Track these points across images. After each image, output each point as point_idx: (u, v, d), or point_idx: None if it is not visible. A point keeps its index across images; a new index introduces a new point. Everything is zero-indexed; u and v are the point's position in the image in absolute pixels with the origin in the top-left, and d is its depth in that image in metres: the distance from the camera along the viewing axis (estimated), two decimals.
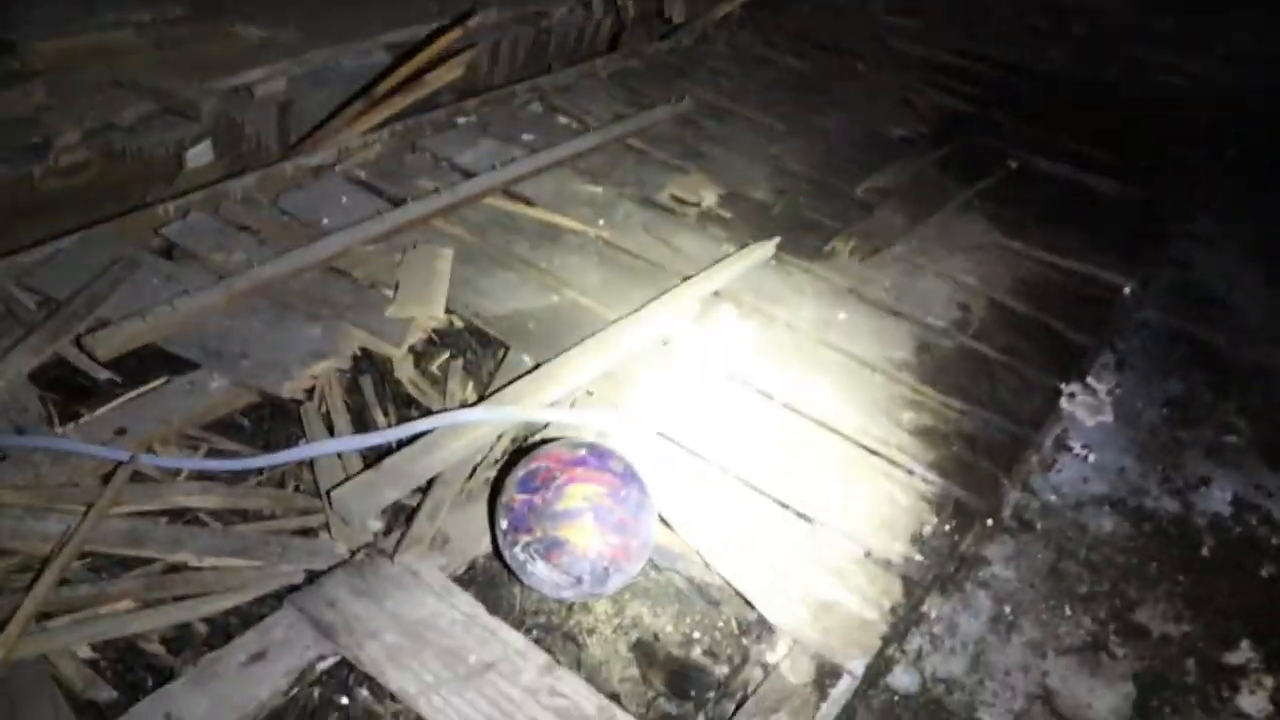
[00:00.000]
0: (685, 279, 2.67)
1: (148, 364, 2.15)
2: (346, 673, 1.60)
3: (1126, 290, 3.02)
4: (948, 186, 3.45)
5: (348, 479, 1.91)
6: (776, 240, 2.88)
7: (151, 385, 2.09)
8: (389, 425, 2.12)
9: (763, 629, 1.78)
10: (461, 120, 3.48)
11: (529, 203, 3.00)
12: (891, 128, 3.90)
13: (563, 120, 3.56)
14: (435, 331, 2.42)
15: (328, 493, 1.87)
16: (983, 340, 2.67)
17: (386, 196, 2.93)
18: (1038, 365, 2.61)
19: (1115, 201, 3.60)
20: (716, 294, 2.67)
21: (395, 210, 2.81)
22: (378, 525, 1.87)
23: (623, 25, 4.47)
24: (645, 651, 1.72)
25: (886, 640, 1.78)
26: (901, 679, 1.76)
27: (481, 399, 2.19)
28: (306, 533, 1.85)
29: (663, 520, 1.88)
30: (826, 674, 1.70)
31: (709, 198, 3.14)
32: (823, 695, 1.67)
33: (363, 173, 3.07)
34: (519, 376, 2.22)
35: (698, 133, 3.58)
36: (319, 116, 3.46)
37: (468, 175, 3.08)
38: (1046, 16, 5.50)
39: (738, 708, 1.64)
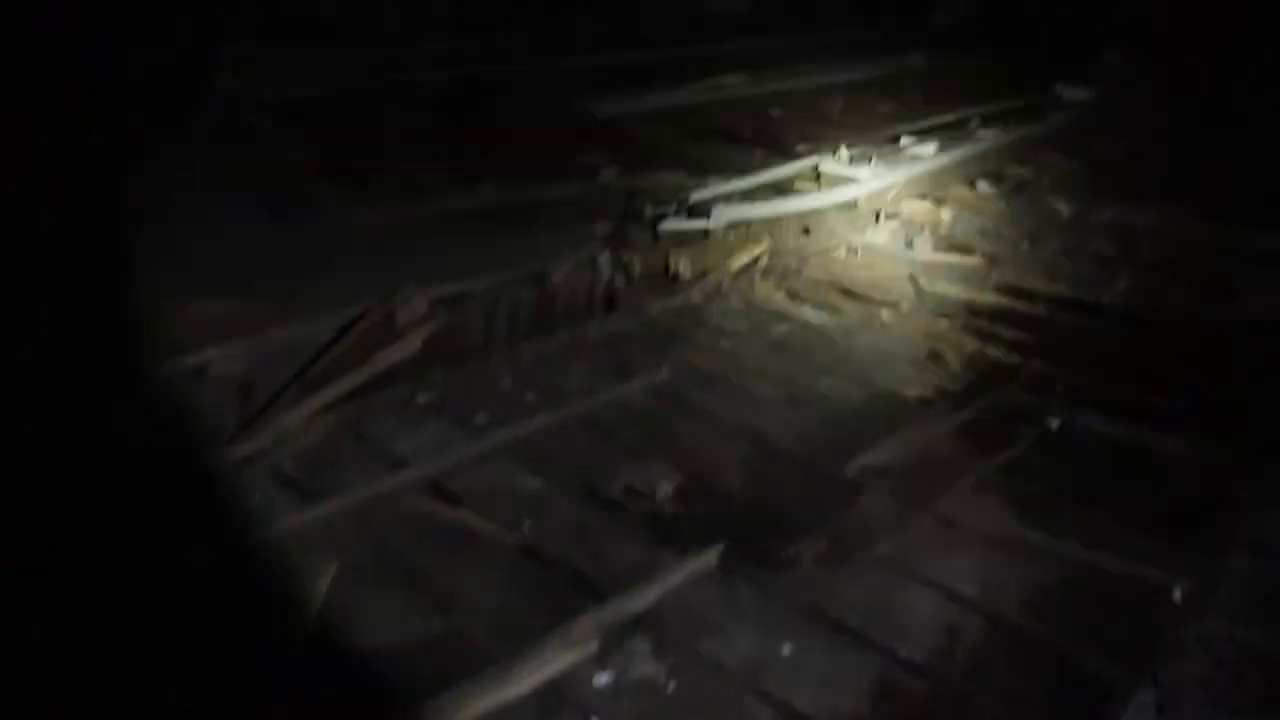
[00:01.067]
0: (599, 601, 2.24)
1: None
2: None
3: (1176, 594, 2.40)
4: (962, 460, 2.95)
5: None
6: (719, 549, 2.42)
7: None
8: None
9: None
10: (421, 398, 3.25)
11: (453, 500, 2.66)
12: (907, 388, 3.45)
13: (529, 397, 3.27)
14: None
15: None
16: (972, 679, 2.10)
17: (303, 492, 2.66)
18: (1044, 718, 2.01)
19: (1180, 467, 3.00)
20: (635, 622, 2.21)
21: (293, 513, 2.52)
22: None
23: (629, 281, 4.26)
24: None
25: None
26: None
27: None
28: None
29: None
30: None
31: (665, 488, 2.74)
32: None
33: (289, 465, 2.83)
34: None
35: (675, 406, 3.23)
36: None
37: (399, 466, 2.80)
38: (1114, 240, 5.03)
39: None
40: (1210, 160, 6.27)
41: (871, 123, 6.90)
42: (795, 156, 5.58)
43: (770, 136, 6.30)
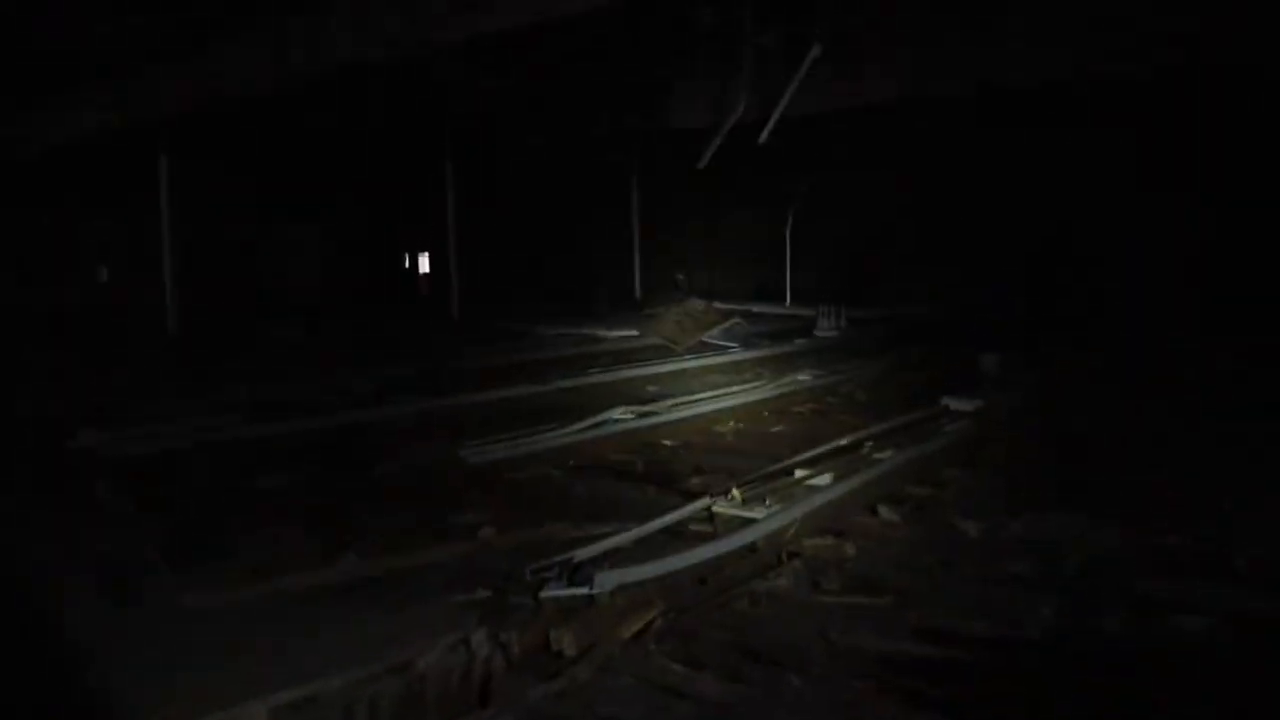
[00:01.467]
0: None
1: None
2: None
3: None
4: None
5: None
6: None
7: None
8: None
9: None
10: None
11: None
12: None
13: None
14: None
15: None
16: None
17: None
18: None
19: None
20: None
21: None
22: None
23: (508, 663, 3.76)
24: None
25: None
26: None
27: None
28: None
29: None
30: None
31: None
32: None
33: None
34: None
35: None
36: None
37: None
38: (1028, 558, 4.75)
39: None
40: (1110, 457, 6.25)
41: (766, 448, 6.78)
42: (689, 493, 5.33)
43: (662, 471, 6.08)
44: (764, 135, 12.94)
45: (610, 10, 7.84)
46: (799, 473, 5.58)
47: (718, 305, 20.32)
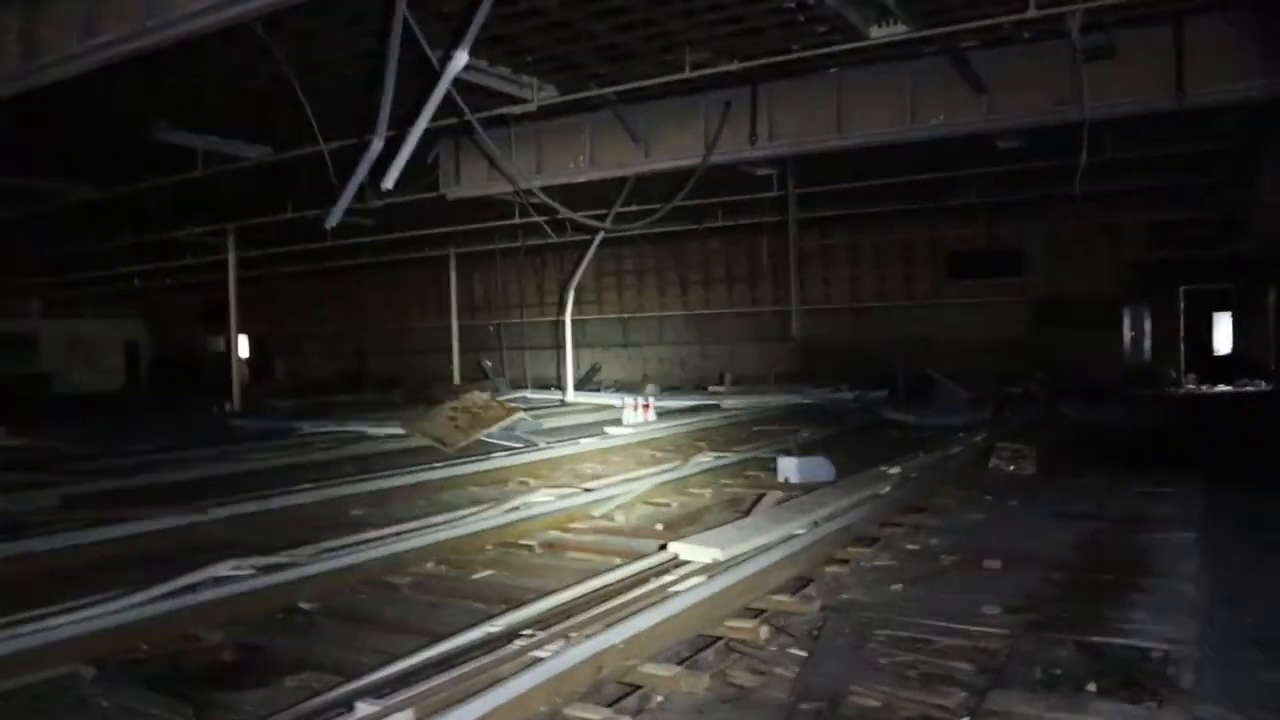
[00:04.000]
0: None
1: None
2: None
3: None
4: None
5: None
6: None
7: None
8: None
9: None
10: None
11: None
12: None
13: None
14: None
15: None
16: None
17: None
18: None
19: None
20: None
21: None
22: None
23: None
24: None
25: None
26: None
27: None
28: None
29: None
30: None
31: None
32: None
33: None
34: None
35: None
36: None
37: None
38: None
39: None
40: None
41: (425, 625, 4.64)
42: None
43: (266, 664, 3.84)
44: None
45: None
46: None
47: (507, 398, 18.34)
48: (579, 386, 23.15)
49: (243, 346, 35.33)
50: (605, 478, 9.19)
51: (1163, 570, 5.34)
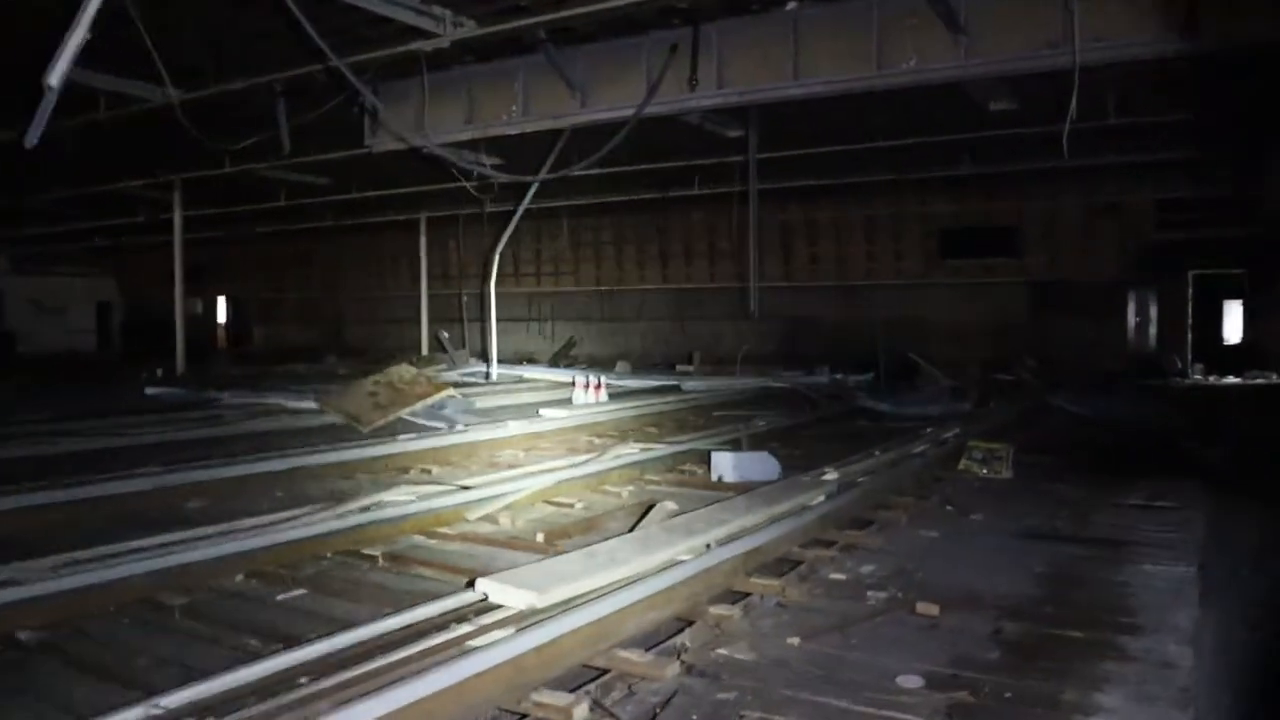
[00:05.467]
0: None
1: None
2: None
3: None
4: None
5: None
6: None
7: None
8: None
9: None
10: None
11: None
12: None
13: None
14: None
15: None
16: None
17: None
18: None
19: None
20: None
21: None
22: None
23: None
24: None
25: None
26: None
27: None
28: None
29: None
30: None
31: None
32: None
33: None
34: None
35: None
36: None
37: None
38: None
39: None
40: None
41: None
42: None
43: None
44: None
45: None
46: None
47: (462, 372, 17.12)
48: (554, 363, 22.00)
49: (220, 311, 34.18)
50: (518, 467, 8.02)
51: (1150, 623, 4.12)
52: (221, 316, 34.03)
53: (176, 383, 15.10)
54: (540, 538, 5.59)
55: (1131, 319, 18.08)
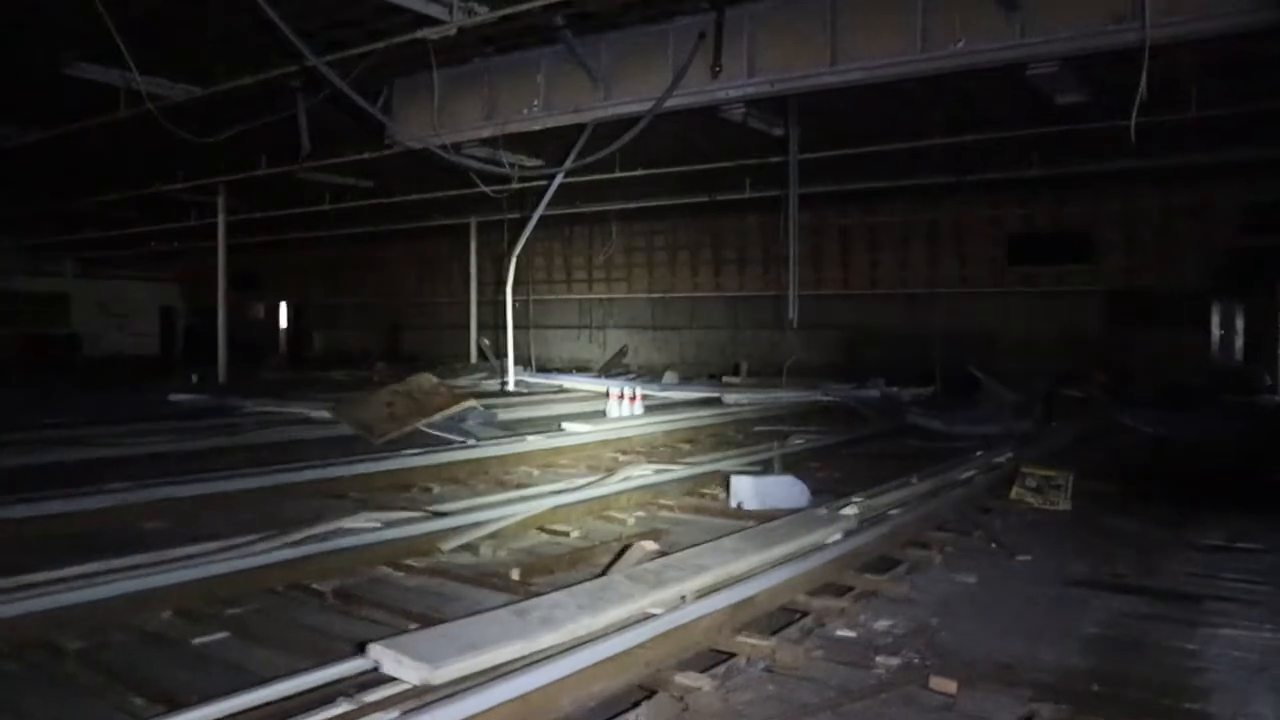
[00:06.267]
0: None
1: None
2: None
3: None
4: None
5: None
6: None
7: None
8: None
9: None
10: None
11: None
12: None
13: None
14: None
15: None
16: None
17: None
18: None
19: None
20: None
21: None
22: None
23: None
24: None
25: None
26: None
27: None
28: None
29: None
30: None
31: None
32: None
33: None
34: None
35: None
36: None
37: None
38: None
39: None
40: None
41: None
42: None
43: None
44: None
45: None
46: None
47: (486, 380, 16.59)
48: (605, 372, 21.41)
49: (282, 316, 34.37)
50: (528, 486, 7.41)
51: (1225, 712, 3.31)
52: (284, 322, 34.21)
53: (204, 389, 14.84)
54: (515, 575, 4.94)
55: (1215, 331, 16.80)
